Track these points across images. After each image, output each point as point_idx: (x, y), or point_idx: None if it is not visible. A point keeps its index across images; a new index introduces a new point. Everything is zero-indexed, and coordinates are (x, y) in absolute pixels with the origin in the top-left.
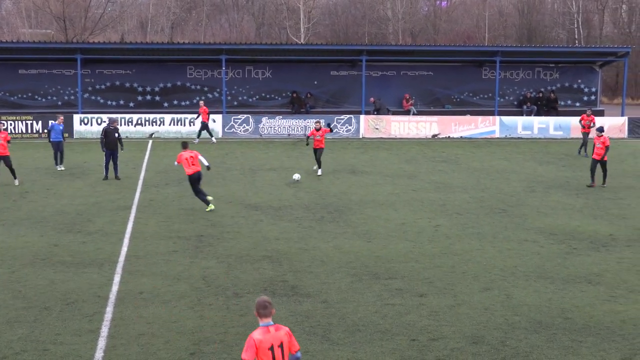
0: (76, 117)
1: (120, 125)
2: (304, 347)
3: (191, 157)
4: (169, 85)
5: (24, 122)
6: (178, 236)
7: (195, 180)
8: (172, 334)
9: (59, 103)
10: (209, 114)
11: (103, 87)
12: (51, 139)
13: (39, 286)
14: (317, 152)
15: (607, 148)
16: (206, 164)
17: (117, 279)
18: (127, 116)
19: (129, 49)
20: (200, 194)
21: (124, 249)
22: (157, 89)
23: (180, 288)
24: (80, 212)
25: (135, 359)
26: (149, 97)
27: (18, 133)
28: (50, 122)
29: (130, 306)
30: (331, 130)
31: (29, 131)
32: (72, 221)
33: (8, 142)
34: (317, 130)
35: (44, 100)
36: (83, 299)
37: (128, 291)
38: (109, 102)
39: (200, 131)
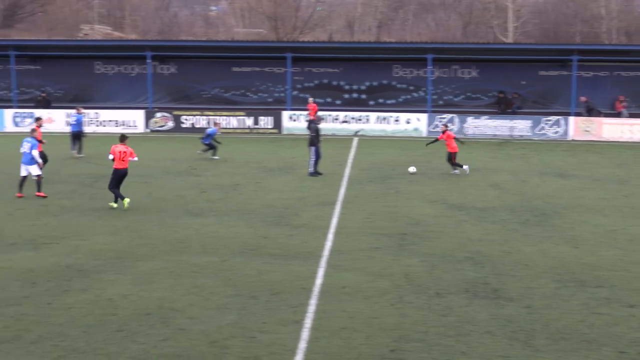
0: (285, 114)
1: (327, 122)
2: (505, 352)
3: (124, 152)
4: (375, 83)
5: (236, 117)
6: (381, 233)
7: (121, 176)
8: (373, 330)
9: (269, 100)
10: (317, 112)
11: (311, 84)
12: (73, 130)
13: (248, 275)
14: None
15: None
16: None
17: (321, 272)
18: (334, 114)
19: (336, 47)
20: (116, 190)
21: (329, 243)
22: (363, 87)
23: (382, 285)
24: (287, 206)
25: (336, 352)
26: (355, 95)
27: (230, 128)
28: (74, 113)
29: (333, 300)
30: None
31: (241, 126)
32: (280, 214)
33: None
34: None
35: (255, 97)
36: (288, 290)
37: (331, 285)
38: (316, 100)
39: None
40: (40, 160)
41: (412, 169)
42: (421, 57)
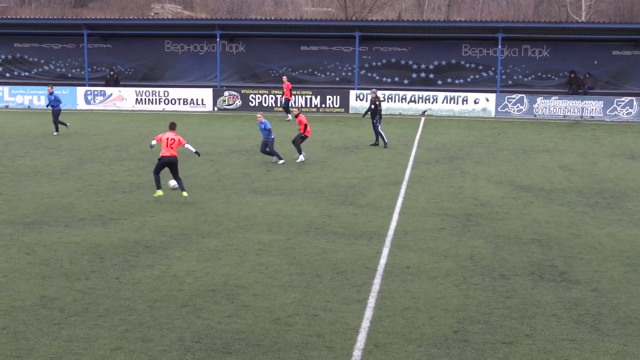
0: (352, 93)
1: (394, 102)
2: (570, 335)
3: (172, 139)
4: (443, 63)
5: (303, 96)
6: (447, 214)
7: (166, 164)
8: (436, 310)
9: (337, 79)
10: (291, 90)
11: (379, 64)
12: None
13: (312, 254)
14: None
15: None
16: (193, 150)
17: (385, 252)
18: (401, 93)
19: (405, 26)
20: (157, 176)
21: (393, 223)
22: (431, 66)
23: (446, 265)
24: (352, 185)
25: (399, 332)
26: (423, 74)
27: (297, 107)
28: (52, 94)
29: (397, 280)
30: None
31: (308, 105)
32: (345, 194)
33: None
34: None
35: (322, 76)
36: (352, 269)
37: (395, 265)
38: (384, 79)
39: (285, 107)
40: None
41: (171, 183)
42: (491, 37)
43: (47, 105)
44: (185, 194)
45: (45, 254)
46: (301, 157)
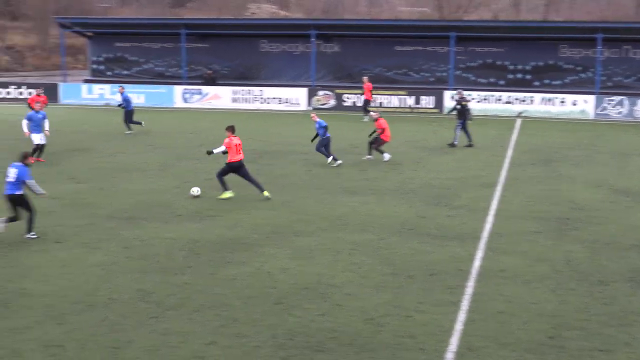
0: (447, 94)
1: (489, 103)
2: None
3: (240, 144)
4: (540, 63)
5: (397, 97)
6: (542, 217)
7: (235, 169)
8: (531, 315)
9: (431, 79)
10: (371, 91)
11: (474, 64)
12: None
13: (405, 255)
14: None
15: None
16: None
17: (479, 254)
18: (497, 94)
19: (501, 26)
20: (252, 181)
21: (488, 225)
22: (528, 67)
23: (541, 269)
24: (446, 186)
25: (493, 336)
26: (519, 75)
27: (391, 107)
28: (123, 94)
29: (491, 283)
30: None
31: (402, 105)
32: (439, 195)
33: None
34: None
35: (417, 76)
36: (445, 271)
37: (489, 268)
38: (480, 80)
39: (364, 107)
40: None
41: (195, 191)
42: (590, 37)
43: (119, 105)
44: (266, 193)
45: (143, 248)
46: (386, 156)
